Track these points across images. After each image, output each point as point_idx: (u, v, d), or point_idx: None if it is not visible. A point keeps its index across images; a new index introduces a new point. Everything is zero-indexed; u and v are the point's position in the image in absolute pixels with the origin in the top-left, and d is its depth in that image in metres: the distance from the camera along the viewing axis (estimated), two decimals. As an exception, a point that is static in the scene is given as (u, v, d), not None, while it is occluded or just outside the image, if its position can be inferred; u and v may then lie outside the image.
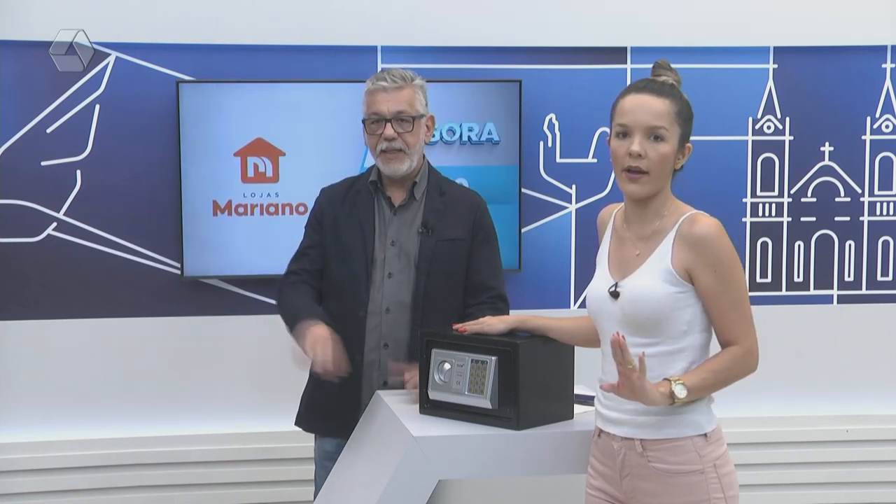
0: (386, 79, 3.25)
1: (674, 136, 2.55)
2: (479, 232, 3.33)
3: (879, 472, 4.61)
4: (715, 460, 2.54)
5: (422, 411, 2.93)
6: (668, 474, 2.53)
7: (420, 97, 3.28)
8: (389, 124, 3.22)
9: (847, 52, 4.54)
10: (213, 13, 4.24)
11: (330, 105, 4.25)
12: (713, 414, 2.59)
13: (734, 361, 2.53)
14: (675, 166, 2.59)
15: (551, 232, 4.47)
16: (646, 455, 2.55)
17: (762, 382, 4.56)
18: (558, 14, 4.41)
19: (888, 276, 4.64)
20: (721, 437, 2.59)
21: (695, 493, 2.52)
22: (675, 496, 2.53)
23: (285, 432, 4.07)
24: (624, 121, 2.56)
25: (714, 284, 2.51)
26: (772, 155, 4.57)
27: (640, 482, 2.57)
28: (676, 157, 2.58)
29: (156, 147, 4.25)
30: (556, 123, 4.46)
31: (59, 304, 4.25)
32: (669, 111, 2.54)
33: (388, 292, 3.27)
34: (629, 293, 2.55)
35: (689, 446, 2.53)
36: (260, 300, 4.35)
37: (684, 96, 2.60)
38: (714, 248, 2.51)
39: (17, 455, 4.21)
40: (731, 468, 2.58)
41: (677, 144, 2.57)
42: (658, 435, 2.53)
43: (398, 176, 3.27)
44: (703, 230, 2.52)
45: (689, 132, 2.60)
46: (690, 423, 2.53)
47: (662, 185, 2.58)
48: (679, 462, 2.53)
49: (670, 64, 2.65)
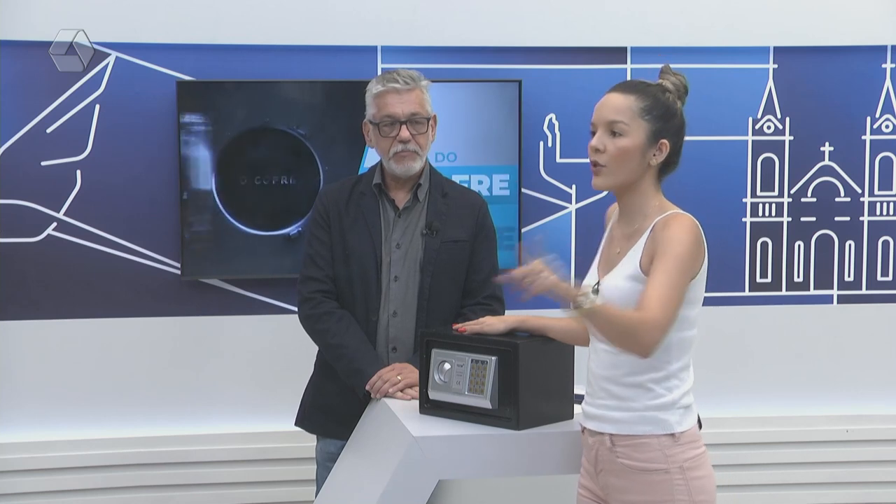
0: (397, 80, 3.22)
1: (637, 130, 2.56)
2: (480, 232, 3.34)
3: (879, 472, 4.61)
4: (683, 462, 2.54)
5: (422, 411, 2.93)
6: (633, 471, 2.56)
7: (428, 98, 3.28)
8: (405, 126, 3.21)
9: (847, 52, 4.54)
10: (213, 13, 4.24)
11: (330, 105, 4.25)
12: (688, 417, 2.59)
13: (631, 322, 2.44)
14: (650, 163, 2.59)
15: (551, 232, 4.47)
16: (614, 450, 2.58)
17: (762, 382, 4.62)
18: (558, 14, 4.41)
19: (888, 276, 4.64)
20: (695, 441, 2.58)
21: (657, 492, 2.54)
22: (639, 493, 2.55)
23: (285, 432, 4.07)
24: (592, 119, 2.64)
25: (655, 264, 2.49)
26: (772, 155, 4.57)
27: (610, 477, 2.60)
28: (649, 154, 2.58)
29: (156, 147, 4.25)
30: (556, 123, 4.46)
31: (59, 304, 4.25)
32: (631, 106, 2.56)
33: (395, 295, 3.27)
34: (603, 291, 2.59)
35: (654, 444, 2.54)
36: (260, 300, 4.35)
37: (662, 96, 2.59)
38: (668, 235, 2.51)
39: (17, 455, 4.21)
40: (703, 473, 2.57)
41: (644, 140, 2.57)
42: (625, 430, 2.56)
43: (410, 175, 3.26)
44: (672, 222, 2.53)
45: (663, 129, 2.58)
46: (658, 421, 2.55)
47: (624, 178, 2.59)
48: (643, 459, 2.55)
49: (672, 68, 2.67)
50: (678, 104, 2.62)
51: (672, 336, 2.54)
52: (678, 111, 2.62)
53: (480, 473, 2.93)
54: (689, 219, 2.56)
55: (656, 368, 2.55)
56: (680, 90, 2.62)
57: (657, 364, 2.55)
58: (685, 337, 2.58)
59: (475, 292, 3.30)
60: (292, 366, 3.83)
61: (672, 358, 2.56)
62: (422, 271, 3.26)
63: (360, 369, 3.17)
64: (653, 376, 2.55)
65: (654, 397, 2.55)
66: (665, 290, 2.46)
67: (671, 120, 2.60)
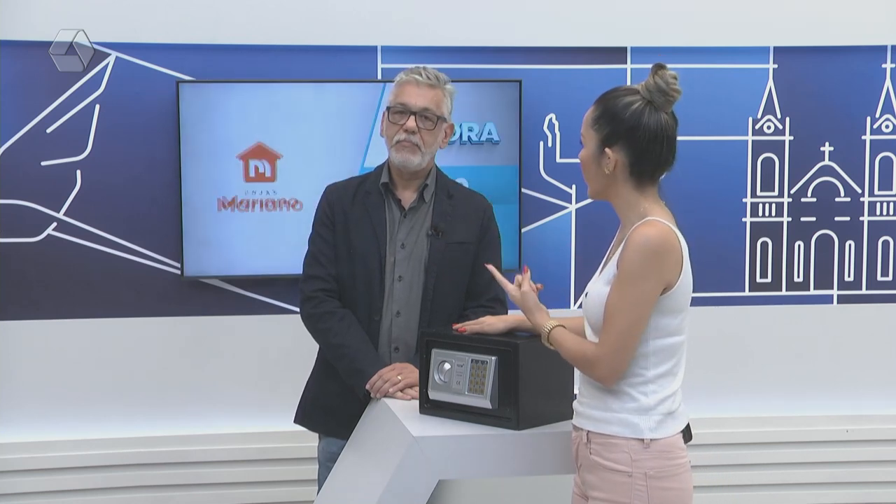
0: (421, 74, 3.25)
1: (589, 141, 2.60)
2: (485, 235, 3.34)
3: (879, 472, 4.61)
4: (649, 470, 2.53)
5: (422, 411, 2.93)
6: (602, 468, 2.57)
7: (447, 101, 3.29)
8: (413, 117, 3.22)
9: (847, 52, 4.54)
10: (213, 13, 4.24)
11: (330, 105, 4.25)
12: (667, 426, 2.56)
13: (582, 357, 2.59)
14: (605, 171, 2.57)
15: (551, 232, 4.47)
16: (589, 446, 2.60)
17: (762, 382, 4.62)
18: (558, 14, 4.41)
19: (888, 276, 4.64)
20: (671, 452, 2.55)
21: (617, 493, 2.55)
22: (603, 490, 2.57)
23: (286, 432, 4.08)
24: None
25: (612, 284, 2.53)
26: (772, 155, 4.57)
27: (585, 473, 2.63)
28: (602, 163, 2.58)
29: (156, 147, 4.25)
30: (556, 123, 4.46)
31: (59, 304, 4.25)
32: (588, 117, 2.62)
33: (398, 296, 3.27)
34: (587, 295, 2.65)
35: (623, 446, 2.55)
36: (260, 300, 4.35)
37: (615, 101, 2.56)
38: (627, 252, 2.51)
39: (17, 455, 4.21)
40: (672, 485, 2.54)
41: (594, 150, 2.59)
42: (600, 429, 2.58)
43: (409, 169, 3.26)
44: (633, 236, 2.52)
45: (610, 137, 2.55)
46: (630, 425, 2.55)
47: (597, 188, 2.63)
48: (610, 459, 2.56)
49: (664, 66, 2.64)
50: (643, 107, 2.55)
51: (649, 344, 2.55)
52: (635, 115, 2.55)
53: (480, 473, 2.92)
54: (651, 232, 2.51)
55: (633, 375, 2.56)
56: (653, 93, 2.55)
57: (635, 370, 2.56)
58: (666, 344, 2.57)
59: (478, 294, 3.30)
60: (292, 366, 3.83)
61: (650, 365, 2.56)
62: (426, 272, 3.26)
63: (360, 369, 3.17)
64: (630, 381, 2.56)
65: (630, 401, 2.56)
66: (612, 323, 2.51)
67: (612, 124, 2.56)
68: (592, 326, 2.61)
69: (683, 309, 2.58)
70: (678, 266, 2.54)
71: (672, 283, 2.53)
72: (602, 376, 2.54)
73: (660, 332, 2.55)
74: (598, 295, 2.58)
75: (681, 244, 2.55)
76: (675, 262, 2.53)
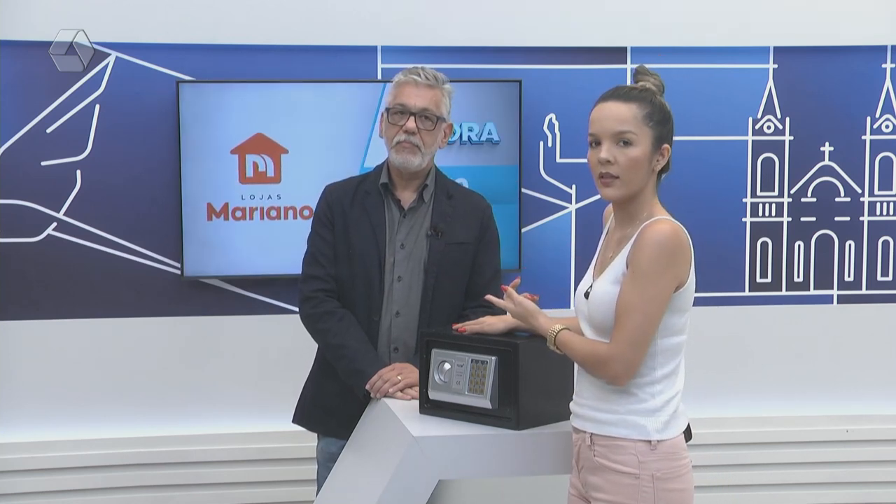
0: (419, 74, 3.25)
1: (644, 138, 2.56)
2: (484, 235, 3.34)
3: (879, 472, 4.61)
4: (656, 471, 2.54)
5: (422, 411, 2.93)
6: (607, 470, 2.57)
7: (446, 101, 3.29)
8: (413, 118, 3.22)
9: (847, 52, 4.54)
10: (213, 13, 4.24)
11: (330, 105, 4.25)
12: (672, 427, 2.57)
13: (594, 356, 2.56)
14: (654, 168, 2.59)
15: (551, 232, 4.48)
16: (593, 448, 2.60)
17: (762, 382, 4.62)
18: (558, 14, 4.41)
19: (888, 276, 4.64)
20: (676, 453, 2.57)
21: (624, 494, 2.55)
22: (609, 493, 2.57)
23: (285, 432, 4.08)
24: (593, 130, 2.61)
25: (625, 282, 2.52)
26: (772, 155, 4.57)
27: (588, 475, 2.62)
28: (654, 160, 2.59)
29: (156, 147, 4.25)
30: (556, 123, 4.46)
31: (59, 304, 4.25)
32: (636, 115, 2.56)
33: (398, 296, 3.27)
34: (592, 295, 2.61)
35: (630, 448, 2.55)
36: (260, 300, 4.35)
37: (657, 99, 2.60)
38: (642, 249, 2.51)
39: (17, 455, 4.21)
40: (678, 486, 2.55)
41: (650, 147, 2.57)
42: (604, 431, 2.58)
43: (409, 170, 3.26)
44: (647, 232, 2.52)
45: (664, 134, 2.59)
46: (636, 426, 2.55)
47: (637, 187, 2.58)
48: (617, 461, 2.56)
49: (647, 68, 2.68)
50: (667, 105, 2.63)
51: (657, 343, 2.55)
52: (671, 113, 2.63)
53: (480, 473, 2.92)
54: (666, 229, 2.52)
55: (641, 374, 2.56)
56: (661, 90, 2.63)
57: (642, 370, 2.55)
58: (672, 343, 2.58)
59: (478, 294, 3.30)
60: (292, 366, 3.83)
61: (657, 364, 2.56)
62: (425, 272, 3.26)
63: (360, 370, 3.17)
64: (637, 381, 2.56)
65: (637, 402, 2.56)
66: (628, 321, 2.50)
67: (668, 123, 2.61)
68: (597, 326, 2.60)
69: (689, 307, 2.60)
70: (689, 264, 2.56)
71: (684, 281, 2.54)
72: (615, 375, 2.53)
73: (667, 331, 2.56)
74: (605, 294, 2.56)
75: (689, 243, 2.57)
76: (687, 261, 2.55)
